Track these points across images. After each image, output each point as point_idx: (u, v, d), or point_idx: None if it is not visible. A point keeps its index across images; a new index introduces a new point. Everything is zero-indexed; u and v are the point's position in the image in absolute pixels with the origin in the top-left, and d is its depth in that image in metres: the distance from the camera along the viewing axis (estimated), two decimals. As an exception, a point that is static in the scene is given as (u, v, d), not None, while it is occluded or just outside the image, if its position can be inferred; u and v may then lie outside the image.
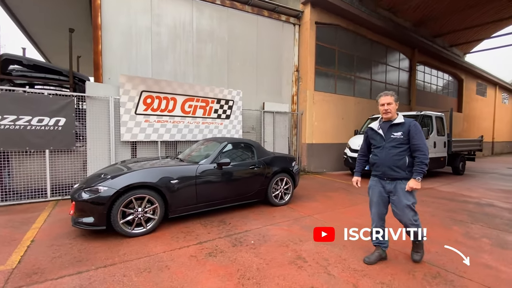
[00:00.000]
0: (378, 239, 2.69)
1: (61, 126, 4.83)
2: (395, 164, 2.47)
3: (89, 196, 3.09)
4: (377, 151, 2.61)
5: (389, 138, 2.52)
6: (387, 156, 2.51)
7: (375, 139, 2.66)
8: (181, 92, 6.12)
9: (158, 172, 3.46)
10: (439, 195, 5.95)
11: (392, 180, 2.53)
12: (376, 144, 2.64)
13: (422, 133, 2.47)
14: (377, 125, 2.65)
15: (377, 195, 2.64)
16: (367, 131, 2.79)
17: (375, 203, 2.66)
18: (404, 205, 2.49)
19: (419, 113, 7.94)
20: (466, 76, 16.92)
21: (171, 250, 2.90)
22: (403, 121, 2.52)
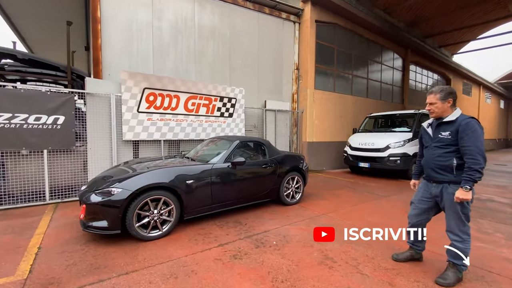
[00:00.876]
0: (412, 240, 2.63)
1: (60, 124, 4.55)
2: (438, 166, 2.27)
3: (101, 198, 2.90)
4: (425, 152, 2.46)
5: (436, 137, 2.31)
6: (430, 156, 2.33)
7: (424, 138, 2.49)
8: (184, 90, 5.94)
9: (173, 172, 3.31)
10: (441, 191, 6.06)
11: (438, 183, 2.31)
12: (425, 144, 2.47)
13: (475, 133, 2.09)
14: (427, 124, 2.48)
15: (420, 197, 2.49)
16: (420, 130, 2.61)
17: (414, 205, 2.55)
18: (450, 212, 2.25)
19: (417, 111, 8.11)
20: (453, 76, 17.51)
21: (193, 253, 2.77)
22: (454, 119, 2.22)
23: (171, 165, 3.53)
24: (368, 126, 9.18)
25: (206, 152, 4.44)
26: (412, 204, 2.59)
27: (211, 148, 4.55)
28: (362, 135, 8.48)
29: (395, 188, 6.27)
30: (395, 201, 5.05)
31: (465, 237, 2.21)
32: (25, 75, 4.61)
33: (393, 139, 7.48)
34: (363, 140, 8.03)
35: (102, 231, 2.90)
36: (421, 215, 2.49)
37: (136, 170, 3.34)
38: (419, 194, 2.51)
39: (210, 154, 4.22)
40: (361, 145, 7.98)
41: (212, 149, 4.51)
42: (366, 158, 7.79)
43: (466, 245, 2.21)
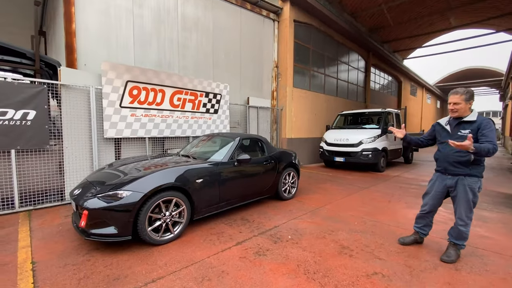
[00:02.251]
0: (420, 226, 2.94)
1: (30, 120, 3.95)
2: (457, 161, 2.50)
3: (108, 203, 2.63)
4: (441, 147, 2.67)
5: (456, 135, 2.51)
6: (449, 152, 2.54)
7: (441, 134, 2.69)
8: (169, 84, 5.61)
9: (183, 172, 3.15)
10: (407, 181, 6.84)
11: (454, 176, 2.56)
12: (441, 140, 2.67)
13: (493, 130, 2.38)
14: (446, 121, 2.67)
15: (435, 188, 2.74)
16: (434, 125, 2.85)
17: (431, 195, 2.79)
18: (462, 200, 2.51)
19: (384, 110, 8.94)
20: (404, 78, 19.63)
21: (214, 254, 2.70)
22: (474, 119, 2.45)
23: (179, 164, 3.33)
24: (339, 123, 9.82)
25: (203, 150, 4.30)
26: (427, 194, 2.86)
27: (208, 145, 4.43)
28: (336, 131, 9.04)
29: (370, 180, 6.86)
30: (375, 192, 5.54)
31: (468, 222, 2.57)
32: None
33: (365, 135, 8.14)
34: (337, 136, 8.58)
35: (110, 238, 2.64)
36: (436, 203, 2.80)
37: (125, 174, 3.08)
38: (434, 185, 2.78)
39: (208, 152, 4.11)
40: (336, 140, 8.52)
41: (209, 146, 4.39)
42: (341, 153, 8.34)
43: (468, 228, 2.58)
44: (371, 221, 3.74)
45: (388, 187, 6.02)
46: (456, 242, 2.65)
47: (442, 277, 2.36)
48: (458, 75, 29.61)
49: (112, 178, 3.04)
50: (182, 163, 3.39)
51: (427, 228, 2.94)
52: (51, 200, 4.24)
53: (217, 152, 3.91)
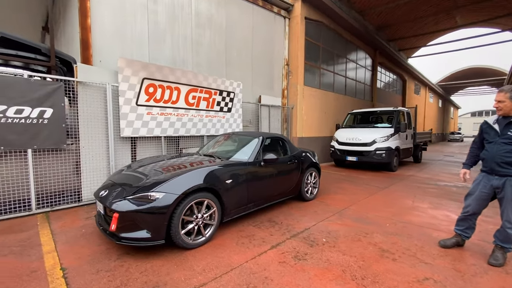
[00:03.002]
0: (463, 228, 2.83)
1: (47, 118, 3.79)
2: (504, 161, 2.41)
3: (139, 205, 2.49)
4: (488, 146, 2.56)
5: (505, 134, 2.43)
6: (497, 152, 2.45)
7: (488, 133, 2.59)
8: (185, 82, 5.47)
9: (213, 172, 3.01)
10: (423, 181, 6.74)
11: (501, 176, 2.46)
12: (489, 139, 2.57)
13: None
14: (493, 120, 2.57)
15: (480, 189, 2.63)
16: (482, 125, 2.73)
17: (475, 196, 2.68)
18: (510, 202, 2.41)
19: (396, 108, 8.83)
20: (408, 77, 19.56)
21: (251, 258, 2.57)
22: None
23: (207, 164, 3.20)
24: (349, 122, 9.71)
25: (225, 149, 4.16)
26: (470, 195, 2.74)
27: (229, 145, 4.29)
28: (347, 130, 8.93)
29: (386, 180, 6.75)
30: (395, 192, 5.43)
31: None
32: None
33: (378, 134, 8.04)
34: (349, 135, 8.47)
35: (142, 243, 2.50)
36: (480, 205, 2.67)
37: (146, 176, 2.96)
38: (479, 186, 2.66)
39: (231, 151, 3.97)
40: (348, 140, 8.40)
41: (230, 145, 4.25)
42: (353, 152, 8.23)
43: None
44: (402, 222, 3.62)
45: (406, 187, 5.91)
46: (503, 245, 2.55)
47: (495, 282, 2.26)
48: (461, 74, 29.62)
49: (137, 179, 2.90)
50: (208, 163, 3.25)
51: (470, 230, 2.83)
52: (68, 201, 4.09)
53: (241, 151, 3.77)
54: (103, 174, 4.43)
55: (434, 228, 3.44)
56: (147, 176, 2.93)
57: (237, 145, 4.09)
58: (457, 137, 32.94)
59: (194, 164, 3.30)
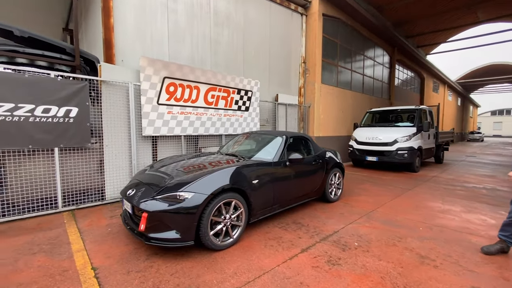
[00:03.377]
0: (508, 234, 2.63)
1: (72, 117, 3.83)
2: None
3: (169, 205, 2.44)
4: None
5: None
6: None
7: None
8: (204, 80, 5.43)
9: (240, 172, 2.93)
10: (449, 182, 6.43)
11: None
12: None
13: None
14: None
15: None
16: None
17: None
18: None
19: (417, 107, 8.50)
20: (427, 74, 18.91)
21: (283, 262, 2.47)
22: None
23: (233, 164, 3.12)
24: (368, 121, 9.43)
25: (247, 148, 4.08)
26: None
27: (249, 144, 4.21)
28: (366, 129, 8.67)
29: (409, 181, 6.49)
30: (421, 194, 5.19)
31: None
32: (23, 57, 3.74)
33: (400, 133, 7.75)
34: (369, 134, 8.21)
35: (172, 243, 2.44)
36: None
37: (169, 176, 2.90)
38: None
39: (254, 150, 3.88)
40: (368, 139, 8.15)
41: (251, 144, 4.16)
42: (373, 152, 7.98)
43: None
44: (436, 226, 3.43)
45: (432, 189, 5.65)
46: None
47: (552, 295, 2.06)
48: (481, 71, 28.35)
49: (164, 179, 2.86)
50: (233, 163, 3.18)
51: None
52: (92, 199, 4.12)
53: (265, 151, 3.67)
54: (126, 173, 4.44)
55: (471, 233, 3.23)
56: (173, 176, 2.88)
57: (260, 144, 3.99)
58: (477, 136, 31.63)
59: (218, 163, 3.23)
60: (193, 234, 2.48)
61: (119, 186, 4.35)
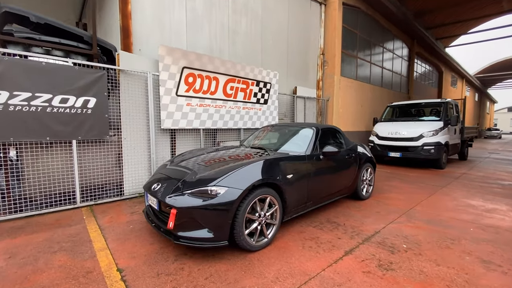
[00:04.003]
0: None
1: (90, 108, 3.63)
2: None
3: (203, 201, 2.19)
4: None
5: None
6: None
7: None
8: (223, 71, 5.17)
9: (274, 166, 2.67)
10: (481, 179, 6.00)
11: None
12: None
13: None
14: None
15: None
16: None
17: None
18: None
19: (444, 100, 8.03)
20: (445, 68, 18.16)
21: (328, 266, 2.20)
22: None
23: (265, 157, 2.85)
24: (388, 115, 9.00)
25: (273, 141, 3.81)
26: None
27: (276, 136, 3.92)
28: (388, 124, 8.25)
29: (438, 178, 6.09)
30: (457, 191, 4.81)
31: None
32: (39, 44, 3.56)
33: (426, 128, 7.31)
34: (391, 129, 7.80)
35: (204, 244, 2.20)
36: None
37: (191, 170, 2.65)
38: None
39: (281, 143, 3.59)
40: (390, 134, 7.75)
41: (279, 137, 3.88)
42: (396, 148, 7.57)
43: None
44: (489, 227, 3.08)
45: (467, 186, 5.25)
46: None
47: None
48: (500, 65, 27.13)
49: (191, 173, 2.61)
50: (265, 156, 2.90)
51: None
52: (111, 194, 3.94)
53: (295, 144, 3.38)
54: (145, 167, 4.24)
55: (532, 235, 2.87)
56: (200, 170, 2.62)
57: (288, 137, 3.71)
58: (495, 133, 30.42)
59: (247, 156, 2.97)
60: (227, 233, 2.23)
61: (137, 181, 4.15)
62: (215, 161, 2.89)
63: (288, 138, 3.61)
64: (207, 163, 2.82)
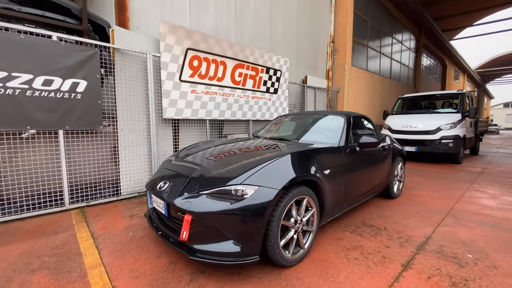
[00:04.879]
0: None
1: (80, 93, 3.06)
2: None
3: (232, 204, 1.68)
4: None
5: None
6: None
7: None
8: (231, 55, 4.62)
9: (309, 159, 2.16)
10: (504, 175, 5.59)
11: None
12: None
13: None
14: None
15: None
16: None
17: None
18: None
19: (460, 91, 7.59)
20: (449, 61, 17.82)
21: (389, 286, 1.71)
22: None
23: (296, 148, 2.33)
24: (399, 108, 8.54)
25: (295, 131, 3.29)
26: None
27: (296, 126, 3.40)
28: (401, 117, 7.79)
29: (460, 173, 5.67)
30: (488, 188, 4.38)
31: None
32: (18, 16, 2.97)
33: (443, 120, 6.87)
34: (405, 122, 7.34)
35: (229, 260, 1.68)
36: None
37: (199, 165, 2.14)
38: None
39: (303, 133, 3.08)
40: (404, 127, 7.29)
41: (299, 127, 3.35)
42: (412, 142, 7.12)
43: None
44: (553, 230, 2.63)
45: (495, 182, 4.83)
46: None
47: None
48: (501, 60, 26.97)
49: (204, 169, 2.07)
50: (295, 148, 2.39)
51: None
52: (105, 194, 3.39)
53: (324, 134, 2.87)
54: (144, 163, 3.70)
55: None
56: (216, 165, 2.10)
57: (315, 126, 3.19)
58: (493, 128, 30.35)
59: (273, 148, 2.45)
60: (258, 246, 1.72)
61: (136, 178, 3.62)
62: (234, 154, 2.37)
63: (315, 128, 3.10)
64: (224, 157, 2.30)
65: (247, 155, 2.25)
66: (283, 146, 2.48)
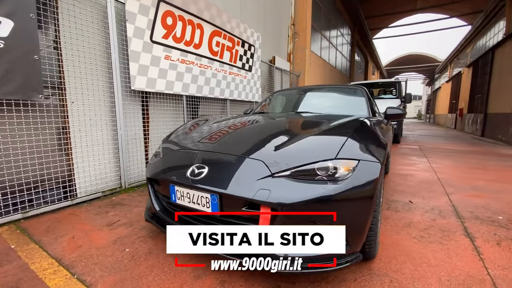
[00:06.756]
0: None
1: (3, 38, 1.90)
2: None
3: (335, 183, 1.19)
4: None
5: None
6: None
7: None
8: (208, 18, 3.85)
9: (380, 130, 1.83)
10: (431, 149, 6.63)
11: None
12: None
13: None
14: None
15: None
16: None
17: None
18: None
19: (397, 80, 8.64)
20: (370, 58, 20.51)
21: (479, 260, 1.56)
22: None
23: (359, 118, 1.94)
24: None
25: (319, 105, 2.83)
26: None
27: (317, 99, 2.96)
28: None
29: (406, 150, 6.45)
30: (440, 159, 5.06)
31: None
32: None
33: (388, 105, 7.69)
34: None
35: (332, 265, 1.21)
36: None
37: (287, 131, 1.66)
38: None
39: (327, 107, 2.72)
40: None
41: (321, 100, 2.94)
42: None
43: None
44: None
45: (433, 153, 5.64)
46: None
47: None
48: (402, 59, 32.83)
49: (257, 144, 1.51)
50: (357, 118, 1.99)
51: None
52: (53, 199, 2.30)
53: (353, 106, 2.61)
54: (109, 151, 2.70)
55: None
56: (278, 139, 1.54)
57: (336, 99, 2.89)
58: (395, 117, 37.16)
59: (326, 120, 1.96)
60: (363, 240, 1.30)
61: (98, 173, 2.61)
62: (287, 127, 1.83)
63: (338, 101, 2.80)
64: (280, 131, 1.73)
65: (306, 125, 1.75)
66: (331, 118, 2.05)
